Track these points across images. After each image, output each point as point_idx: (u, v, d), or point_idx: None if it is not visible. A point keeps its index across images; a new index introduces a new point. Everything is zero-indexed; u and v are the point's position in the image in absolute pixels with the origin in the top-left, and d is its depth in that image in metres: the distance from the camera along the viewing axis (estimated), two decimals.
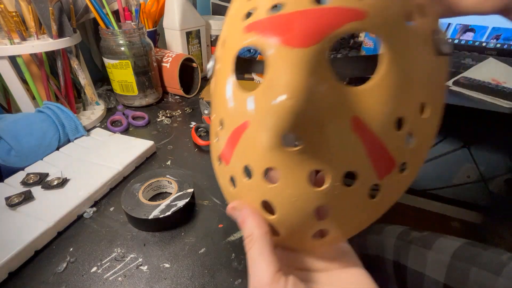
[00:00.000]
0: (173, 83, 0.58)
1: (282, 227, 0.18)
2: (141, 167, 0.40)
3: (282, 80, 0.14)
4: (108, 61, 0.51)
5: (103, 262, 0.27)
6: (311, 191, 0.16)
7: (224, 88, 0.19)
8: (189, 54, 0.64)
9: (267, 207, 0.18)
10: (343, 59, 0.33)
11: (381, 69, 0.15)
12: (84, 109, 0.52)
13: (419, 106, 0.16)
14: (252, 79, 0.66)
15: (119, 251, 0.28)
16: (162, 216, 0.29)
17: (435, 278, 0.39)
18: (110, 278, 0.26)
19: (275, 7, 0.15)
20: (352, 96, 0.15)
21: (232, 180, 0.19)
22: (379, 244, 0.46)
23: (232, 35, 0.18)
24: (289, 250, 0.21)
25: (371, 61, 0.30)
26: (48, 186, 0.32)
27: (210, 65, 0.22)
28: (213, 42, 0.70)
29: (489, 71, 0.72)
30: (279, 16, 0.15)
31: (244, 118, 0.17)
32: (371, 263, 0.47)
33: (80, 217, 0.32)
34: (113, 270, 0.27)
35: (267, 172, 0.17)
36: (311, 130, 0.15)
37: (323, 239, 0.19)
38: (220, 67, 0.20)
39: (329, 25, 0.14)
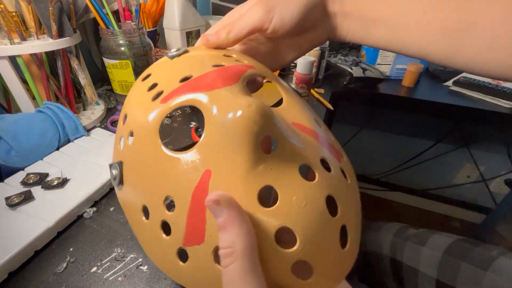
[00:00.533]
0: None
1: (311, 251, 0.15)
2: None
3: (231, 105, 0.15)
4: (108, 61, 0.51)
5: (103, 262, 0.27)
6: (312, 186, 0.16)
7: (157, 164, 0.17)
8: None
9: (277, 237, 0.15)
10: None
11: (284, 97, 0.21)
12: (84, 109, 0.52)
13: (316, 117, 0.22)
14: None
15: (119, 251, 0.28)
16: None
17: (428, 274, 0.39)
18: (110, 278, 0.26)
19: (184, 79, 0.18)
20: (279, 111, 0.19)
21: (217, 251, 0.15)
22: (377, 241, 0.47)
23: (144, 115, 0.18)
24: None
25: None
26: (48, 186, 0.32)
27: (115, 173, 0.20)
28: None
29: None
30: (194, 79, 0.18)
31: (201, 170, 0.15)
32: (370, 260, 0.47)
33: (80, 217, 0.32)
34: (113, 270, 0.27)
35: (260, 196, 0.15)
36: (277, 129, 0.15)
37: (346, 247, 0.17)
38: (135, 154, 0.18)
39: (238, 71, 0.18)
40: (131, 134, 0.19)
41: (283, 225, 0.14)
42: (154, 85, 0.19)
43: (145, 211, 0.18)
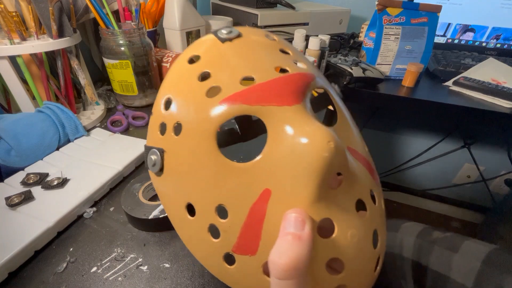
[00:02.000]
0: None
1: (353, 278, 0.16)
2: (141, 167, 0.40)
3: (307, 133, 0.14)
4: (108, 61, 0.51)
5: (103, 262, 0.27)
6: (364, 222, 0.16)
7: (212, 170, 0.16)
8: None
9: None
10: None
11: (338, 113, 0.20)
12: (84, 109, 0.52)
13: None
14: None
15: (119, 251, 0.28)
16: (162, 216, 0.29)
17: (461, 283, 0.37)
18: (110, 278, 0.26)
19: (245, 79, 0.17)
20: (335, 131, 0.17)
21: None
22: (396, 240, 0.45)
23: (200, 112, 0.17)
24: None
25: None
26: (48, 186, 0.32)
27: (154, 159, 0.19)
28: None
29: (489, 71, 0.72)
30: (259, 87, 0.16)
31: (260, 188, 0.15)
32: (386, 260, 0.45)
33: (80, 217, 0.32)
34: (113, 270, 0.27)
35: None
36: (347, 167, 0.16)
37: (376, 270, 0.18)
38: (184, 151, 0.17)
39: (304, 84, 0.17)
40: (179, 127, 0.17)
41: (335, 257, 0.15)
42: (206, 75, 0.18)
43: (190, 209, 0.17)
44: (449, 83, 0.72)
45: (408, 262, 0.42)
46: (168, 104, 0.18)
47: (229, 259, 0.17)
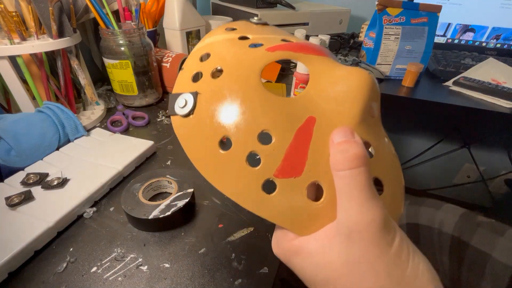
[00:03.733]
0: (173, 83, 0.58)
1: (391, 200, 0.18)
2: (141, 167, 0.40)
3: (348, 70, 0.18)
4: (108, 61, 0.51)
5: (103, 262, 0.27)
6: (391, 146, 0.19)
7: (257, 101, 0.17)
8: (189, 54, 0.64)
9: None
10: None
11: None
12: (84, 109, 0.52)
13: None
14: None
15: (119, 251, 0.28)
16: (162, 216, 0.29)
17: (503, 262, 0.38)
18: (110, 278, 0.26)
19: (285, 40, 0.20)
20: None
21: (314, 185, 0.17)
22: (437, 218, 0.47)
23: (246, 57, 0.19)
24: None
25: None
26: (48, 186, 0.32)
27: (185, 102, 0.19)
28: None
29: (489, 71, 0.72)
30: (297, 43, 0.19)
31: (305, 116, 0.17)
32: (420, 232, 0.48)
33: (80, 217, 0.32)
34: (113, 270, 0.27)
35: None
36: (379, 99, 0.19)
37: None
38: (226, 89, 0.18)
39: (327, 50, 0.21)
40: (220, 70, 0.19)
41: (375, 176, 0.17)
42: (245, 37, 0.20)
43: (226, 143, 0.18)
44: (449, 83, 0.72)
45: (447, 237, 0.44)
46: (206, 56, 0.20)
47: (269, 186, 0.17)
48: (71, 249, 0.28)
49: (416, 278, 0.14)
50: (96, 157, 0.38)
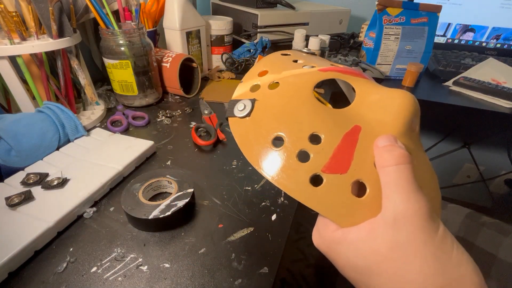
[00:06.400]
0: (173, 83, 0.58)
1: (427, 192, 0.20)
2: (141, 167, 0.40)
3: (391, 90, 0.20)
4: (108, 61, 0.51)
5: (103, 262, 0.27)
6: (429, 163, 0.21)
7: (310, 109, 0.20)
8: (189, 54, 0.64)
9: None
10: None
11: None
12: (84, 109, 0.52)
13: None
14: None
15: (119, 251, 0.28)
16: (162, 216, 0.29)
17: (510, 263, 0.40)
18: (110, 278, 0.26)
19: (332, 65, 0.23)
20: None
21: (359, 183, 0.19)
22: (442, 218, 0.47)
23: (299, 74, 0.22)
24: None
25: None
26: (48, 186, 0.32)
27: (244, 106, 0.22)
28: (213, 42, 0.70)
29: (489, 71, 0.72)
30: (342, 68, 0.23)
31: (351, 124, 0.19)
32: None
33: (80, 217, 0.32)
34: (113, 270, 0.27)
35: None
36: (419, 117, 0.21)
37: None
38: (281, 98, 0.22)
39: (362, 73, 0.24)
40: (275, 84, 0.22)
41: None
42: (297, 61, 0.24)
43: (277, 140, 0.20)
44: (449, 83, 0.72)
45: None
46: (264, 73, 0.24)
47: (317, 179, 0.18)
48: (71, 249, 0.28)
49: (461, 265, 0.14)
50: (96, 157, 0.38)
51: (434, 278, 0.14)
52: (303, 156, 0.19)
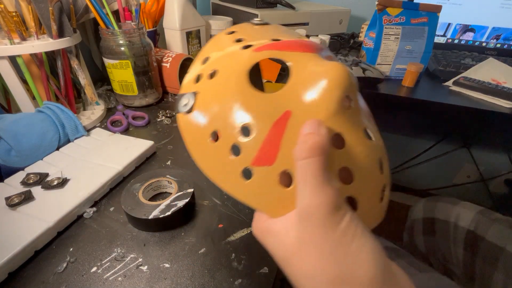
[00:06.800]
0: (173, 83, 0.58)
1: (361, 191, 0.19)
2: (141, 167, 0.40)
3: (325, 64, 0.18)
4: (108, 61, 0.51)
5: (103, 262, 0.27)
6: (371, 145, 0.19)
7: (242, 98, 0.19)
8: (189, 54, 0.64)
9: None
10: None
11: None
12: (84, 109, 0.52)
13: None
14: None
15: (119, 251, 0.28)
16: (162, 216, 0.29)
17: None
18: (110, 278, 0.26)
19: (275, 40, 0.21)
20: None
21: (287, 174, 0.18)
22: (454, 212, 0.49)
23: (236, 58, 0.21)
24: None
25: None
26: (48, 186, 0.32)
27: (187, 101, 0.22)
28: None
29: (489, 71, 0.72)
30: (285, 41, 0.21)
31: (282, 110, 0.18)
32: (436, 226, 0.51)
33: (80, 217, 0.32)
34: (113, 270, 0.27)
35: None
36: (355, 92, 0.19)
37: (382, 202, 0.20)
38: (218, 88, 0.21)
39: (318, 45, 0.21)
40: (214, 72, 0.21)
41: (346, 165, 0.18)
42: (240, 39, 0.22)
43: (214, 135, 0.20)
44: (449, 83, 0.72)
45: (463, 230, 0.46)
46: (205, 60, 0.23)
47: (247, 173, 0.19)
48: (71, 249, 0.28)
49: (358, 256, 0.15)
50: (96, 157, 0.38)
51: (328, 270, 0.15)
52: (235, 151, 0.19)
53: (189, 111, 0.22)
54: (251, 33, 0.23)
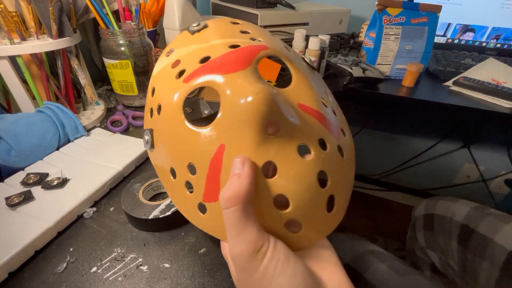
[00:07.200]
0: None
1: (301, 213, 0.19)
2: (141, 167, 0.40)
3: (243, 90, 0.17)
4: (108, 61, 0.51)
5: (103, 262, 0.27)
6: (307, 162, 0.18)
7: (182, 136, 0.20)
8: None
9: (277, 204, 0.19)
10: None
11: (294, 77, 0.21)
12: (84, 109, 0.52)
13: (324, 94, 0.24)
14: None
15: (119, 251, 0.28)
16: (162, 216, 0.29)
17: (503, 246, 0.42)
18: (110, 278, 0.26)
19: (204, 59, 0.20)
20: (286, 92, 0.20)
21: None
22: (450, 208, 0.52)
23: (170, 93, 0.20)
24: None
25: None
26: (48, 186, 0.32)
27: (147, 138, 0.23)
28: None
29: (489, 71, 0.72)
30: (213, 61, 0.20)
31: (217, 144, 0.18)
32: (435, 221, 0.53)
33: (80, 217, 0.32)
34: (113, 270, 0.27)
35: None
36: (281, 114, 0.18)
37: (332, 211, 0.20)
38: (164, 125, 0.21)
39: (251, 53, 0.19)
40: (160, 107, 0.21)
41: (279, 193, 0.18)
42: (177, 62, 0.22)
43: (173, 172, 0.21)
44: (449, 83, 0.72)
45: (457, 225, 0.48)
46: (153, 92, 0.23)
47: (202, 208, 0.20)
48: (71, 249, 0.28)
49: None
50: (96, 157, 0.38)
51: None
52: (189, 187, 0.20)
53: (151, 147, 0.23)
54: (186, 51, 0.22)
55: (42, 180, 0.33)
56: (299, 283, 0.17)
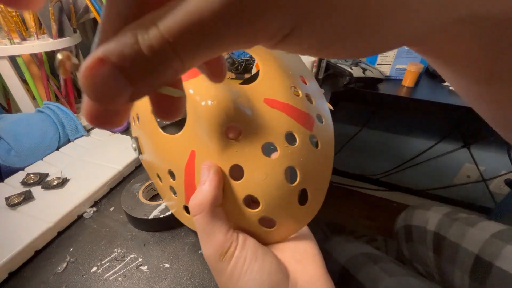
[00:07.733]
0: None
1: (271, 210, 0.19)
2: (141, 167, 0.40)
3: (202, 95, 0.17)
4: None
5: (103, 262, 0.27)
6: (272, 161, 0.19)
7: (159, 143, 0.20)
8: None
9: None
10: None
11: (261, 70, 0.21)
12: None
13: (297, 81, 0.23)
14: None
15: (119, 251, 0.28)
16: (162, 216, 0.29)
17: (469, 250, 0.42)
18: (110, 278, 0.26)
19: None
20: (251, 89, 0.20)
21: None
22: (424, 218, 0.52)
23: (143, 102, 0.21)
24: None
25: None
26: (48, 186, 0.32)
27: (134, 146, 0.25)
28: None
29: None
30: None
31: (188, 150, 0.19)
32: (413, 233, 0.53)
33: (80, 217, 0.32)
34: (113, 270, 0.27)
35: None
36: (241, 118, 0.18)
37: (306, 204, 0.20)
38: (144, 133, 0.22)
39: None
40: (138, 116, 0.22)
41: (248, 194, 0.19)
42: None
43: (159, 177, 0.23)
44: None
45: (431, 234, 0.49)
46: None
47: (187, 209, 0.21)
48: (71, 249, 0.28)
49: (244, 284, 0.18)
50: (96, 157, 0.38)
51: None
52: (173, 191, 0.21)
53: (140, 153, 0.24)
54: None
55: (42, 180, 0.33)
56: (264, 280, 0.17)
